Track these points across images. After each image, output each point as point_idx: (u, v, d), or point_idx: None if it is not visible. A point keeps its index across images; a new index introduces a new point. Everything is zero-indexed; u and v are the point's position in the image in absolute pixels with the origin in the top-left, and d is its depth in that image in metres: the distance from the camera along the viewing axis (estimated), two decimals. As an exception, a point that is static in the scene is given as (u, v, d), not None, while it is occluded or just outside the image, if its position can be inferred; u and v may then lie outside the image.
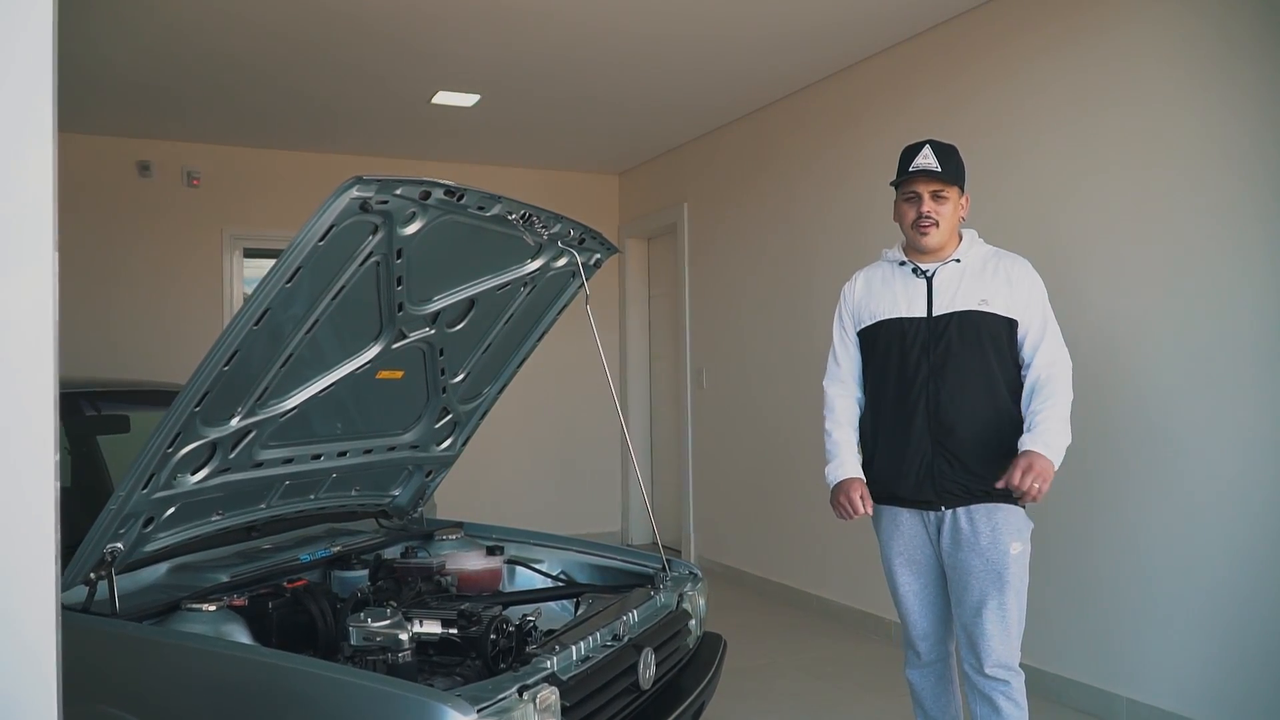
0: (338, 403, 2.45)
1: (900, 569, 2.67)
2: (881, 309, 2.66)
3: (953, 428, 2.52)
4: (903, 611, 2.72)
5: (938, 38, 4.28)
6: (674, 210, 6.53)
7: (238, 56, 4.50)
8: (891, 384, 2.62)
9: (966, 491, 2.51)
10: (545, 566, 2.96)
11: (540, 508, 6.76)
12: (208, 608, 2.07)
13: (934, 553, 2.62)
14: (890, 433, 2.63)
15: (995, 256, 2.62)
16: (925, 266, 2.61)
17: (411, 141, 6.11)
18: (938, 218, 2.56)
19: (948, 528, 2.55)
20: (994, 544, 2.49)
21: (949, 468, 2.52)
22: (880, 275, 2.72)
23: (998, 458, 2.47)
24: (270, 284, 1.86)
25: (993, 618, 2.49)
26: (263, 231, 6.22)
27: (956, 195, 2.61)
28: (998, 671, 2.50)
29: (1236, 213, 3.08)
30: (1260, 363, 3.01)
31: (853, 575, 4.83)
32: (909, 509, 2.62)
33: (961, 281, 2.57)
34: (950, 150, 2.62)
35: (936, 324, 2.56)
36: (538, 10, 4.02)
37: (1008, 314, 2.54)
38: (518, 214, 2.31)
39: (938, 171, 2.55)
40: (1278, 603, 2.95)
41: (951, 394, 2.52)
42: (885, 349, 2.64)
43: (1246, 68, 3.06)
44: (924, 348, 2.56)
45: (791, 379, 5.31)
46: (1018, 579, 2.50)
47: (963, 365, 2.52)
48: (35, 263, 0.79)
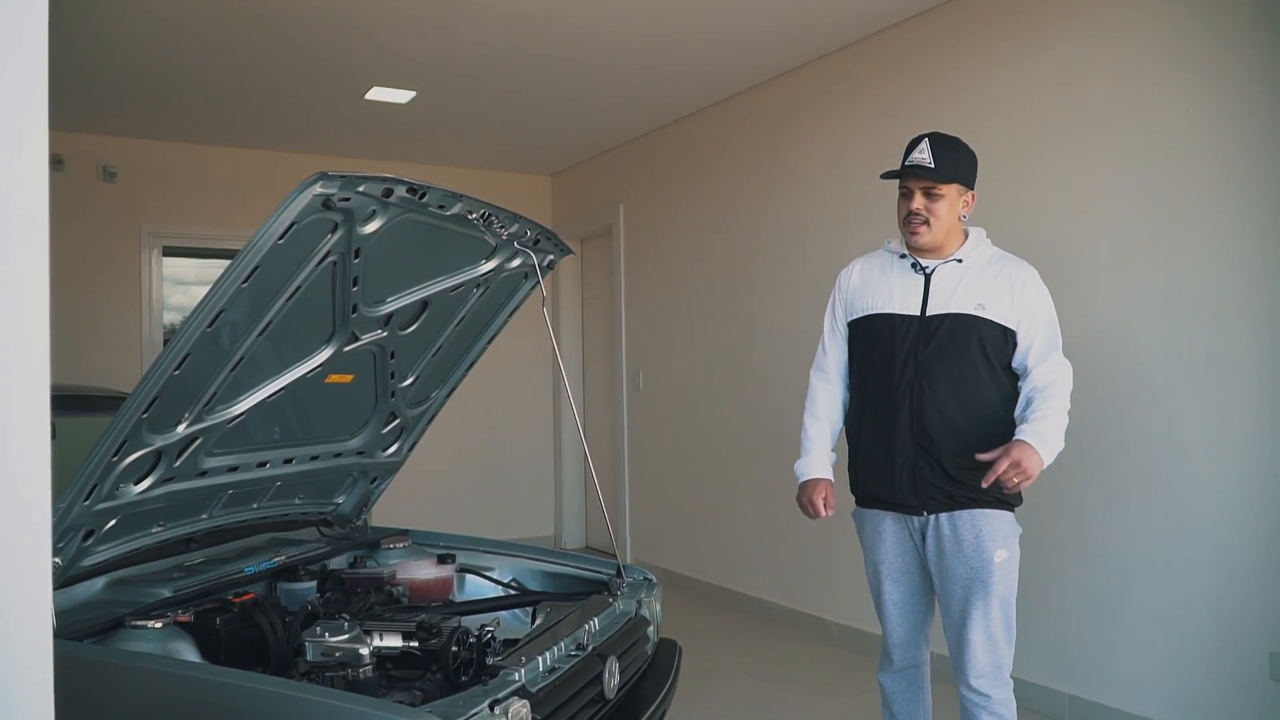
0: (286, 408, 2.36)
1: (884, 577, 2.58)
2: (875, 302, 2.55)
3: (936, 433, 2.42)
4: (882, 617, 2.64)
5: (879, 43, 4.33)
6: (609, 212, 6.49)
7: (157, 46, 4.31)
8: (877, 381, 2.52)
9: (949, 497, 2.43)
10: (496, 574, 2.90)
11: (471, 512, 6.65)
12: (153, 624, 1.96)
13: (918, 559, 2.54)
14: (873, 432, 2.54)
15: (1000, 260, 2.51)
16: (925, 262, 2.51)
17: (342, 138, 5.96)
18: (928, 215, 2.45)
19: (931, 533, 2.47)
20: (978, 551, 2.40)
21: (931, 472, 2.43)
22: (878, 266, 2.60)
23: (982, 466, 2.35)
24: (226, 284, 1.77)
25: (977, 627, 2.41)
26: (184, 229, 6.00)
27: (955, 193, 2.47)
28: (981, 684, 2.42)
29: (1224, 212, 3.17)
30: (1216, 366, 3.10)
31: (792, 577, 4.86)
32: (892, 513, 2.53)
33: (960, 282, 2.46)
34: (951, 144, 2.48)
35: (929, 324, 2.46)
36: (476, 3, 3.94)
37: (1004, 322, 2.43)
38: (478, 213, 2.25)
39: (929, 168, 2.43)
40: (1220, 600, 3.05)
41: (937, 398, 2.42)
42: (873, 344, 2.54)
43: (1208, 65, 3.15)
44: (913, 347, 2.46)
45: (730, 381, 5.33)
46: (1003, 587, 2.41)
47: (951, 369, 2.42)
48: (30, 253, 0.74)
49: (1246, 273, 2.98)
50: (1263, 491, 2.94)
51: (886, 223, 4.25)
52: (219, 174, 6.04)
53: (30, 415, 0.73)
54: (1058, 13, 3.53)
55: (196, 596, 2.21)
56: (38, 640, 0.75)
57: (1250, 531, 2.96)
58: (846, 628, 4.49)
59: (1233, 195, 3.02)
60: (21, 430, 0.73)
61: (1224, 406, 3.03)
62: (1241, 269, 2.99)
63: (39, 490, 0.76)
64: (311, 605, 2.28)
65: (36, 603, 0.76)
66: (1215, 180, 3.06)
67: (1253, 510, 2.96)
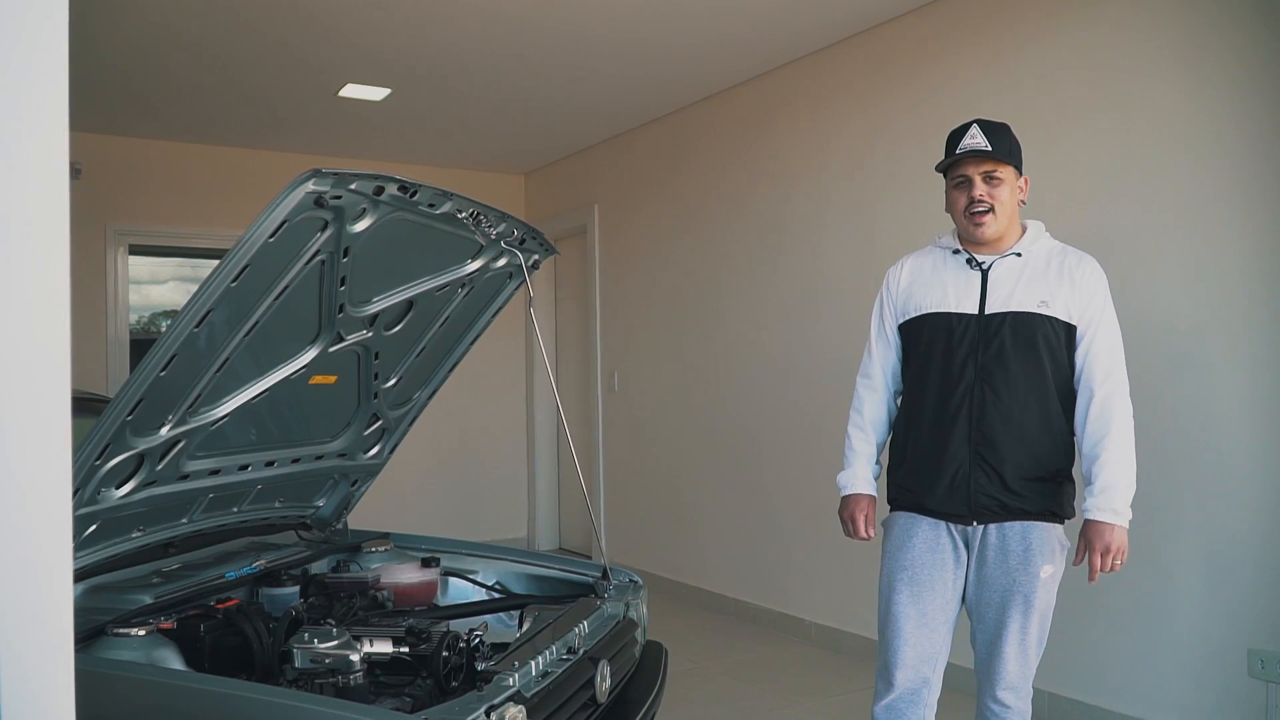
0: (268, 410, 2.31)
1: (901, 587, 2.37)
2: (929, 301, 2.39)
3: (996, 440, 2.28)
4: (889, 633, 2.38)
5: (854, 46, 4.35)
6: (584, 212, 6.47)
7: (123, 39, 4.23)
8: (933, 386, 2.36)
9: (1003, 508, 2.28)
10: (480, 577, 2.87)
11: (442, 514, 6.61)
12: (136, 632, 1.91)
13: (949, 572, 2.35)
14: (926, 439, 2.37)
15: (1061, 253, 2.36)
16: (982, 258, 2.35)
17: (315, 136, 5.88)
18: (993, 202, 2.30)
19: (977, 544, 2.32)
20: (1024, 565, 2.28)
21: (987, 482, 2.28)
22: (930, 263, 2.45)
23: (1041, 478, 2.28)
24: (215, 283, 1.73)
25: (1013, 640, 2.30)
26: (150, 227, 5.89)
27: (1013, 176, 2.33)
28: (1006, 696, 2.33)
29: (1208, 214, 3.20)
30: (1196, 365, 3.14)
31: (769, 577, 4.87)
32: (930, 519, 2.36)
33: (1021, 278, 2.32)
34: (1001, 128, 2.34)
35: (989, 323, 2.30)
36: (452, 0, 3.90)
37: (1068, 318, 2.29)
38: (468, 212, 2.23)
39: (988, 150, 2.27)
40: (1198, 598, 3.09)
41: (999, 402, 2.28)
42: (929, 346, 2.38)
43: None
44: (972, 348, 2.31)
45: (706, 381, 5.32)
46: (1044, 603, 2.31)
47: (1014, 371, 2.28)
48: (52, 249, 0.72)
49: (1225, 282, 3.02)
50: (1241, 490, 2.98)
51: (863, 223, 4.29)
52: (188, 171, 5.94)
53: (51, 417, 0.71)
54: (1034, 11, 3.55)
55: (179, 603, 2.16)
56: (61, 642, 0.73)
57: (1228, 529, 3.00)
58: (824, 627, 4.50)
59: (1217, 189, 3.06)
60: (45, 431, 0.71)
61: (1203, 407, 3.07)
62: (1221, 277, 3.03)
63: (60, 489, 0.74)
64: (296, 611, 2.24)
65: (59, 603, 0.74)
66: (1201, 174, 3.09)
67: (1231, 508, 3.00)
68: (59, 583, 0.73)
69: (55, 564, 0.72)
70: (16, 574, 0.71)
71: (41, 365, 0.69)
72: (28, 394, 0.68)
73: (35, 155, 0.70)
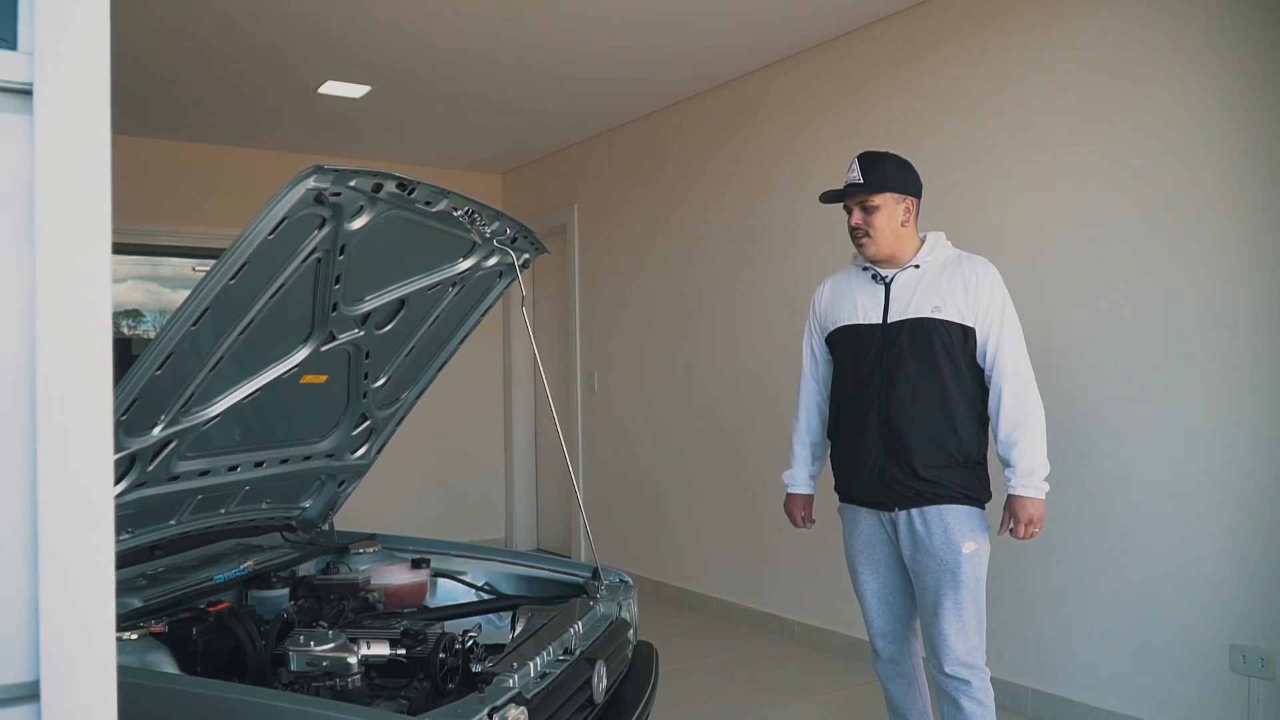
0: (259, 410, 2.28)
1: (861, 567, 2.73)
2: (842, 315, 2.70)
3: (902, 434, 2.55)
4: (863, 609, 2.77)
5: (833, 48, 4.36)
6: (564, 211, 6.44)
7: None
8: (849, 390, 2.68)
9: (918, 494, 2.56)
10: (469, 578, 2.85)
11: (419, 514, 6.55)
12: (128, 636, 1.88)
13: (892, 551, 2.68)
14: (846, 438, 2.70)
15: (956, 261, 2.62)
16: (885, 272, 2.64)
17: (292, 133, 5.82)
18: (868, 228, 2.59)
19: (903, 528, 2.60)
20: (946, 544, 2.53)
21: (900, 472, 2.56)
22: (846, 281, 2.75)
23: (948, 465, 2.54)
24: (213, 281, 1.71)
25: (949, 617, 2.54)
26: (124, 225, 5.78)
27: (891, 201, 2.59)
28: (958, 670, 2.56)
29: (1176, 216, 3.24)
30: (1176, 365, 3.18)
31: (751, 577, 4.87)
32: (865, 508, 2.69)
33: (918, 288, 2.59)
34: (878, 157, 2.64)
35: (890, 331, 2.59)
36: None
37: (960, 320, 2.54)
38: (463, 210, 2.21)
39: (859, 184, 2.59)
40: (1180, 593, 3.12)
41: (902, 401, 2.55)
42: (844, 355, 2.70)
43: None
44: (878, 354, 2.59)
45: (685, 381, 5.32)
46: (972, 578, 2.54)
47: (913, 373, 2.54)
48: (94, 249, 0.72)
49: (1214, 279, 3.06)
50: (1221, 486, 3.02)
51: (840, 222, 4.29)
52: (160, 168, 5.85)
53: (94, 415, 0.70)
54: (1012, 15, 3.58)
55: (169, 606, 2.13)
56: (104, 626, 0.75)
57: (1209, 524, 3.04)
58: (808, 626, 4.51)
59: (1207, 185, 3.09)
60: (88, 430, 0.70)
61: (1182, 404, 3.11)
62: (1209, 274, 3.07)
63: (103, 483, 0.73)
64: (287, 613, 2.22)
65: (103, 592, 0.74)
66: (1190, 171, 3.13)
67: (1212, 504, 3.04)
68: (100, 578, 0.71)
69: (96, 560, 0.71)
70: (55, 571, 0.70)
71: (84, 365, 0.68)
72: (69, 391, 0.67)
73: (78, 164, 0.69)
